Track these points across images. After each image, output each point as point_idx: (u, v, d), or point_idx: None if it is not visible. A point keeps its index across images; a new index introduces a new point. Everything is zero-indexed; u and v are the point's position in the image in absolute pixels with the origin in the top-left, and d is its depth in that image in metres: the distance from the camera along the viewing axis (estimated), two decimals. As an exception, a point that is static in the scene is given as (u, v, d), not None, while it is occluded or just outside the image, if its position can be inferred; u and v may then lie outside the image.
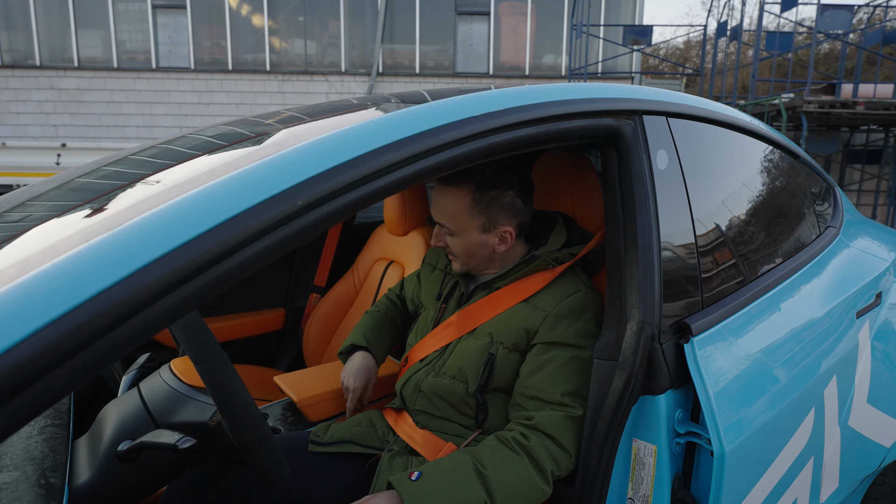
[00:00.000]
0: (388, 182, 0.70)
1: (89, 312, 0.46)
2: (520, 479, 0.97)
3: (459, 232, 1.16)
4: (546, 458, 0.99)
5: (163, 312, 0.52)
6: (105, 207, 0.65)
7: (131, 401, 0.93)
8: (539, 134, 0.90)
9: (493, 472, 0.97)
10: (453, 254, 1.20)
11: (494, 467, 0.98)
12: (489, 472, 0.97)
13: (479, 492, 0.94)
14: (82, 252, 0.50)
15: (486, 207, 1.15)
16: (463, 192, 1.14)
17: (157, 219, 0.55)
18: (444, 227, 1.18)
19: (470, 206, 1.14)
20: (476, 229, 1.16)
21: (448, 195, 1.15)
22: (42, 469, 0.78)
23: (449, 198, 1.15)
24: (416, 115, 0.77)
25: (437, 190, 1.17)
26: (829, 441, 1.30)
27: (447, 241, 1.19)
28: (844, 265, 1.56)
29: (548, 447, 1.00)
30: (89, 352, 0.46)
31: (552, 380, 1.06)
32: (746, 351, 1.11)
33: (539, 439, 1.01)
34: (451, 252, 1.21)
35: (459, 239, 1.17)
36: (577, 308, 1.10)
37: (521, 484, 0.97)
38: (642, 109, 1.08)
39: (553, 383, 1.05)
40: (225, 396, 0.78)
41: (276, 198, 0.60)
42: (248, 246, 0.58)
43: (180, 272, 0.52)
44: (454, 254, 1.20)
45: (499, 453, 1.00)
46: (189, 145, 0.97)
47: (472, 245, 1.17)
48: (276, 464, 0.82)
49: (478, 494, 0.94)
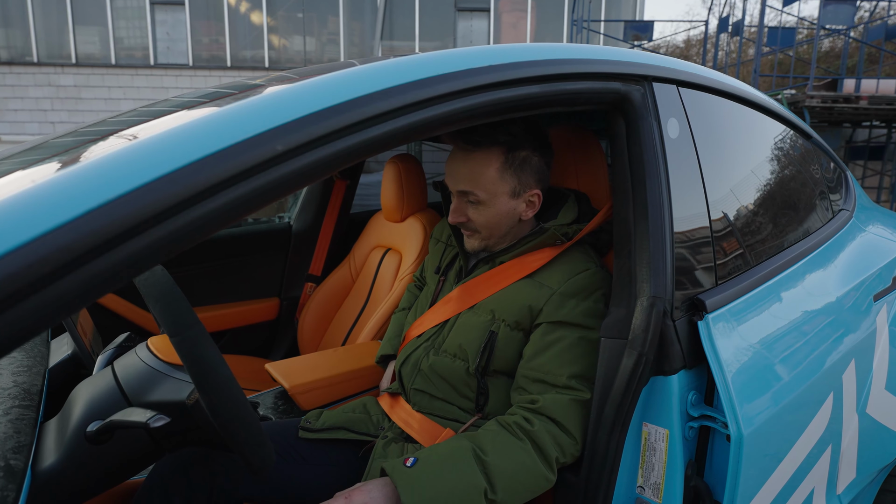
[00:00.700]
0: (378, 133, 0.64)
1: (24, 259, 0.40)
2: (522, 466, 0.91)
3: (488, 199, 1.07)
4: (550, 443, 0.93)
5: (118, 263, 0.46)
6: (61, 157, 0.59)
7: (104, 379, 0.87)
8: (543, 94, 0.84)
9: (493, 458, 0.90)
10: (474, 228, 1.10)
11: (495, 453, 0.91)
12: (489, 459, 0.90)
13: (478, 479, 0.88)
14: (22, 195, 0.44)
15: (517, 169, 1.07)
16: (492, 154, 1.05)
17: (112, 159, 0.48)
18: (472, 196, 1.07)
19: (501, 168, 1.06)
20: (506, 194, 1.08)
21: (475, 159, 1.05)
22: (3, 450, 0.72)
23: (476, 162, 1.05)
24: (411, 63, 0.70)
25: (460, 156, 1.07)
26: (847, 429, 1.23)
27: (470, 215, 1.09)
28: (860, 248, 1.50)
29: (552, 432, 0.94)
30: (22, 308, 0.40)
31: (559, 361, 0.99)
32: (763, 331, 1.05)
33: (543, 424, 0.94)
34: (472, 227, 1.10)
35: (487, 208, 1.08)
36: (586, 286, 1.04)
37: (523, 471, 0.91)
38: (652, 75, 1.01)
39: (560, 365, 0.99)
40: (203, 373, 0.72)
41: (252, 140, 0.53)
42: (220, 192, 0.51)
43: (138, 216, 0.46)
44: (476, 228, 1.10)
45: (500, 438, 0.93)
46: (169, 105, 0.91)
47: (500, 214, 1.08)
48: (259, 447, 0.76)
49: (477, 482, 0.87)
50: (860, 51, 8.59)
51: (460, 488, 0.86)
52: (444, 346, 1.10)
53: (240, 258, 2.15)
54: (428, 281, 1.26)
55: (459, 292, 1.13)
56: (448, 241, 1.26)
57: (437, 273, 1.20)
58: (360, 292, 2.00)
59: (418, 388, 1.12)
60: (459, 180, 1.07)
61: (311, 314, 2.04)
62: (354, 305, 1.99)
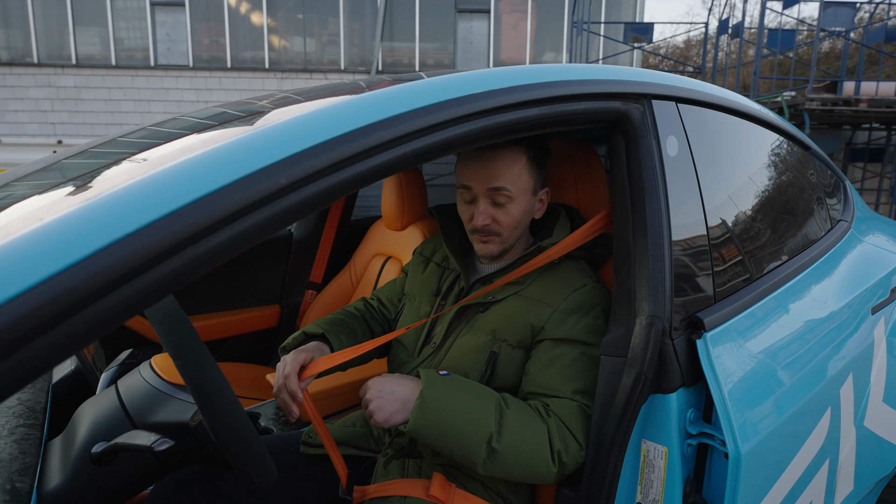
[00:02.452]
0: (380, 162, 0.65)
1: (34, 301, 0.41)
2: (533, 438, 0.94)
3: (518, 196, 1.07)
4: (558, 437, 0.95)
5: (126, 301, 0.46)
6: (67, 187, 0.59)
7: (108, 399, 0.87)
8: (543, 115, 0.84)
9: (512, 415, 0.95)
10: (497, 231, 1.09)
11: (517, 414, 0.96)
12: (509, 413, 0.95)
13: (490, 420, 0.92)
14: (32, 233, 0.45)
15: (539, 166, 1.11)
16: (518, 151, 1.07)
17: (119, 197, 0.49)
18: (504, 193, 1.06)
19: (528, 164, 1.08)
20: (530, 191, 1.10)
21: (503, 157, 1.06)
22: (9, 472, 0.72)
23: (506, 159, 1.06)
24: (411, 91, 0.71)
25: (485, 156, 1.06)
26: (844, 442, 1.24)
27: (496, 216, 1.08)
28: (858, 260, 1.51)
29: (561, 429, 0.96)
30: (34, 347, 0.41)
31: (562, 377, 1.00)
32: (761, 347, 1.06)
33: (555, 420, 0.97)
34: (496, 229, 1.09)
35: (515, 205, 1.08)
36: (585, 303, 1.05)
37: (531, 443, 0.93)
38: (651, 93, 1.02)
39: (564, 381, 1.00)
40: (206, 395, 0.73)
41: (257, 175, 0.54)
42: (225, 227, 0.52)
43: (146, 254, 0.47)
44: (499, 230, 1.09)
45: (526, 409, 0.98)
46: (178, 126, 0.92)
47: (524, 211, 1.10)
48: (261, 466, 0.77)
49: (488, 422, 0.92)
50: (860, 52, 8.59)
51: (471, 417, 0.92)
52: (444, 366, 1.09)
53: (241, 265, 2.16)
54: (418, 299, 1.23)
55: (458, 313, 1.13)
56: (445, 264, 1.24)
57: (437, 295, 1.20)
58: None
59: None
60: (491, 178, 1.06)
61: (311, 321, 2.05)
62: (355, 314, 2.00)
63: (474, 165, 1.07)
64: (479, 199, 1.08)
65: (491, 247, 1.10)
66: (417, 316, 1.19)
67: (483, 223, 1.07)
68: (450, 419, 0.92)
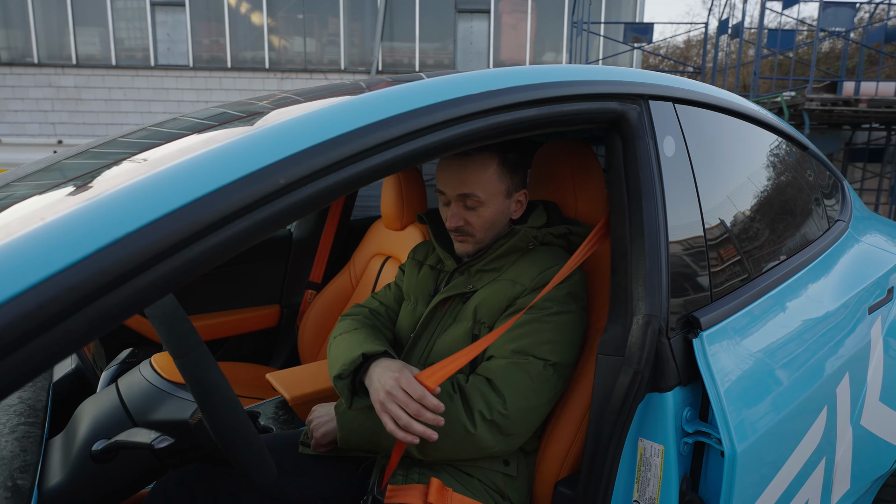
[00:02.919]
0: (379, 162, 0.65)
1: (35, 300, 0.41)
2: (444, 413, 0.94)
3: (489, 200, 1.12)
4: (477, 398, 0.99)
5: (126, 299, 0.47)
6: (69, 186, 0.60)
7: (108, 398, 0.88)
8: (541, 116, 0.85)
9: None
10: (470, 232, 1.14)
11: None
12: None
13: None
14: (33, 233, 0.45)
15: (511, 170, 1.15)
16: (489, 157, 1.11)
17: (120, 196, 0.50)
18: (473, 198, 1.11)
19: (499, 169, 1.13)
20: (502, 195, 1.14)
21: (474, 163, 1.11)
22: (10, 470, 0.73)
23: (476, 165, 1.11)
24: (409, 91, 0.72)
25: (457, 163, 1.11)
26: (840, 441, 1.25)
27: (468, 218, 1.13)
28: (855, 260, 1.52)
29: (482, 389, 1.00)
30: (35, 345, 0.42)
31: (504, 339, 1.05)
32: (757, 346, 1.06)
33: (476, 381, 1.02)
34: (468, 231, 1.14)
35: (487, 209, 1.13)
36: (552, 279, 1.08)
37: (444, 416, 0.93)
38: (649, 94, 1.03)
39: (504, 342, 1.05)
40: (206, 393, 0.73)
41: (256, 175, 0.55)
42: (225, 226, 0.53)
43: (146, 253, 0.47)
44: (472, 231, 1.14)
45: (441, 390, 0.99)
46: (178, 126, 0.92)
47: (497, 214, 1.15)
48: (260, 465, 0.77)
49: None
50: (860, 52, 8.59)
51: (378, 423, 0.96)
52: (430, 360, 1.12)
53: (241, 265, 2.17)
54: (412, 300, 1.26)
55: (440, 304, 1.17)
56: (439, 267, 1.27)
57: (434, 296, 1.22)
58: (360, 300, 2.01)
59: None
60: (460, 184, 1.12)
61: (311, 321, 2.06)
62: (354, 313, 2.00)
63: (447, 171, 1.13)
64: (452, 202, 1.14)
65: (466, 246, 1.17)
66: (412, 316, 1.23)
67: (455, 225, 1.14)
68: (366, 428, 1.03)
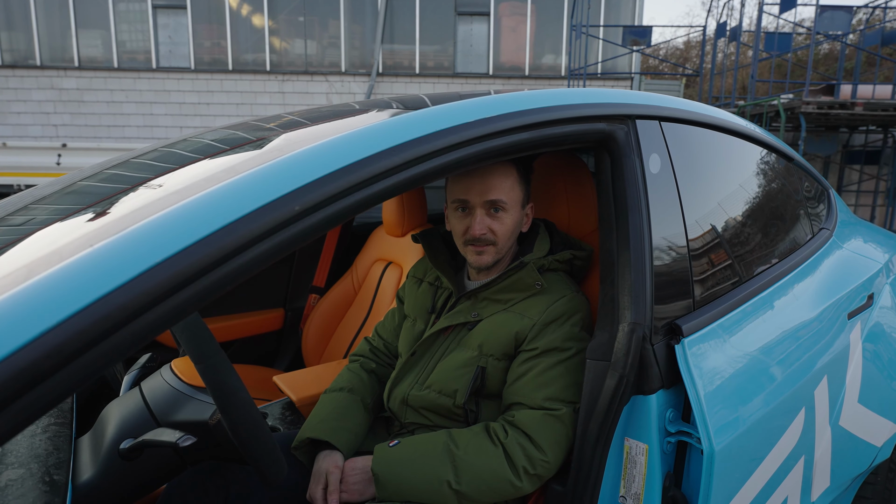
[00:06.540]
0: (383, 187, 0.72)
1: (92, 316, 0.48)
2: (488, 468, 1.01)
3: (512, 207, 1.16)
4: (520, 454, 1.02)
5: (164, 315, 0.54)
6: (108, 211, 0.67)
7: (133, 400, 0.95)
8: (533, 139, 0.92)
9: (464, 453, 1.01)
10: (493, 241, 1.15)
11: (467, 450, 1.02)
12: (460, 453, 1.01)
13: (445, 469, 1.00)
14: (86, 257, 0.52)
15: (526, 181, 1.21)
16: (508, 166, 1.17)
17: (158, 224, 0.56)
18: (500, 204, 1.14)
19: (518, 178, 1.18)
20: (520, 204, 1.20)
21: (497, 172, 1.15)
22: (46, 466, 0.80)
23: (500, 173, 1.15)
24: (411, 121, 0.78)
25: (480, 172, 1.14)
26: (819, 440, 1.32)
27: (493, 227, 1.15)
28: (837, 267, 1.58)
29: (523, 445, 1.03)
30: (92, 354, 0.48)
31: (533, 385, 1.08)
32: (737, 352, 1.13)
33: (515, 436, 1.04)
34: (492, 239, 1.15)
35: (509, 216, 1.16)
36: (563, 312, 1.12)
37: (489, 473, 1.01)
38: (635, 114, 1.09)
39: (534, 389, 1.08)
40: (224, 396, 0.80)
41: (274, 204, 0.62)
42: (247, 250, 0.59)
43: (181, 276, 0.54)
44: (495, 240, 1.15)
45: (477, 439, 1.04)
46: (191, 149, 0.99)
47: (516, 223, 1.19)
48: (273, 462, 0.84)
49: (443, 471, 0.99)
50: (857, 55, 8.66)
51: (426, 474, 1.00)
52: (427, 382, 1.17)
53: (247, 271, 2.22)
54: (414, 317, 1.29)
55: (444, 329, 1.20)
56: (437, 283, 1.30)
57: (431, 313, 1.26)
58: (361, 305, 2.08)
59: (412, 421, 1.19)
60: (487, 191, 1.14)
61: (314, 325, 2.12)
62: (356, 318, 2.07)
63: (470, 180, 1.15)
64: (475, 210, 1.15)
65: (486, 257, 1.17)
66: (412, 334, 1.27)
67: (481, 233, 1.14)
68: (406, 481, 1.01)
